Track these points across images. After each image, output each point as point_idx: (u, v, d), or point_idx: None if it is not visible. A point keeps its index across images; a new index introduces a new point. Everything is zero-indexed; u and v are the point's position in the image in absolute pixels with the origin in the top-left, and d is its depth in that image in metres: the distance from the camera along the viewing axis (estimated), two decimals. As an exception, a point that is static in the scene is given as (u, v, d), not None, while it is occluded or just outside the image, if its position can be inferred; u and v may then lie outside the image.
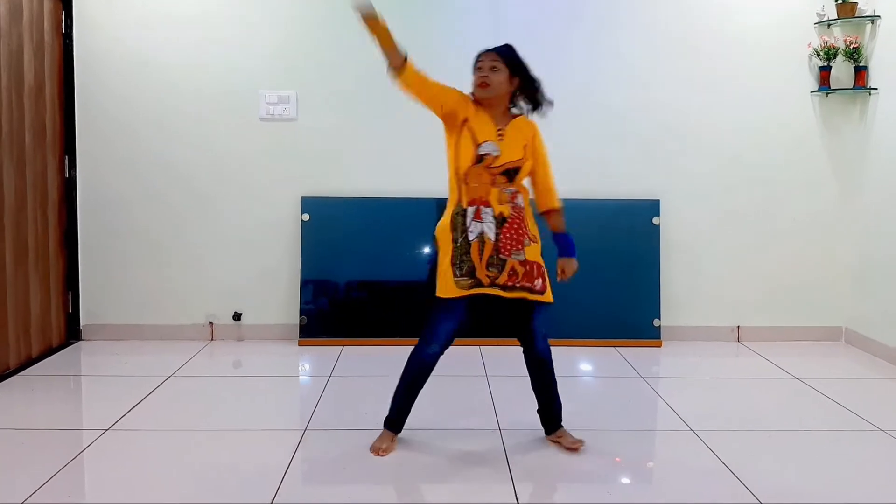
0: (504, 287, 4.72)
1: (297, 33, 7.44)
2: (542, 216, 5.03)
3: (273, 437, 5.20)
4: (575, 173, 7.45)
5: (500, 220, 4.68)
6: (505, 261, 4.68)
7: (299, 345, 7.42)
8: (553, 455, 4.93)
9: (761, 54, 7.53)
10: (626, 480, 4.71)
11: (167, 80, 7.40)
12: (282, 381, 6.59)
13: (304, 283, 7.48)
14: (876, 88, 7.24)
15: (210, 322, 7.61)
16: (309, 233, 7.47)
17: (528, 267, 4.74)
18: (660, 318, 7.53)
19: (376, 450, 4.90)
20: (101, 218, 7.47)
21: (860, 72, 7.32)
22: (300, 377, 6.73)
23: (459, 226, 4.72)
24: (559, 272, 4.99)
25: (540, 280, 4.79)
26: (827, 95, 7.51)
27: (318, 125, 7.50)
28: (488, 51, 4.79)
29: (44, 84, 6.93)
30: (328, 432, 5.28)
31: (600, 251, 7.45)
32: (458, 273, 4.70)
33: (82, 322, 7.53)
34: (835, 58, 7.36)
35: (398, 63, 4.66)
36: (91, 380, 6.59)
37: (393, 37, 4.67)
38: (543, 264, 4.84)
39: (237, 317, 7.59)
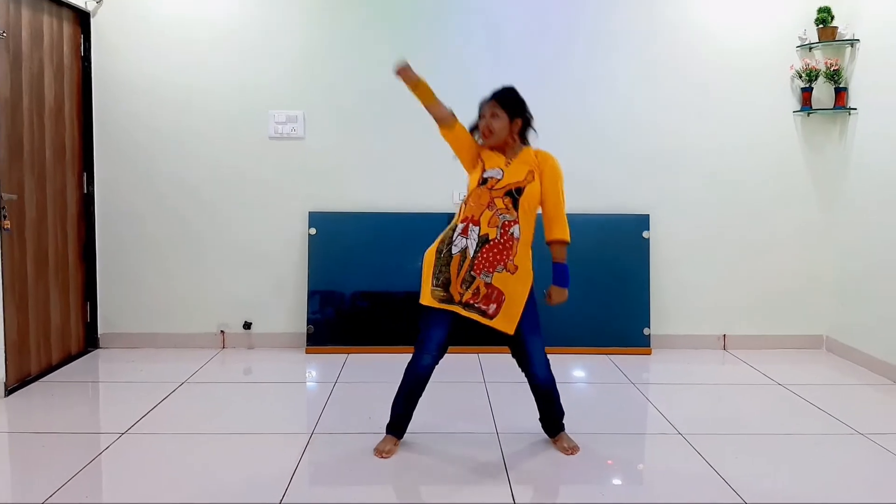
0: (466, 306, 4.79)
1: (305, 57, 7.48)
2: (548, 245, 5.05)
3: (281, 440, 5.22)
4: (569, 189, 7.44)
5: (484, 240, 4.72)
6: (475, 278, 4.73)
7: (306, 352, 7.44)
8: (548, 458, 4.96)
9: (746, 76, 7.57)
10: (617, 482, 4.73)
11: (181, 101, 7.44)
12: (290, 387, 6.61)
13: (311, 294, 7.50)
14: (855, 108, 7.27)
15: (221, 331, 7.63)
16: (316, 246, 7.50)
17: (489, 290, 4.75)
18: (650, 327, 7.56)
19: (379, 452, 4.94)
20: (117, 232, 7.50)
21: (840, 93, 7.35)
22: (307, 383, 6.74)
23: (448, 239, 4.84)
24: (546, 296, 4.99)
25: (494, 306, 4.77)
26: (809, 115, 7.55)
27: (324, 144, 7.54)
28: (488, 99, 4.91)
29: (63, 105, 6.96)
30: (334, 436, 5.30)
31: (593, 263, 7.49)
32: (434, 283, 4.82)
33: (100, 331, 7.55)
34: (816, 79, 7.40)
35: (449, 122, 4.86)
36: (108, 386, 6.60)
37: (433, 93, 4.82)
38: (511, 295, 4.80)
39: (247, 326, 7.61)
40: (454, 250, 4.76)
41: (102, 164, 7.43)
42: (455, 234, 4.80)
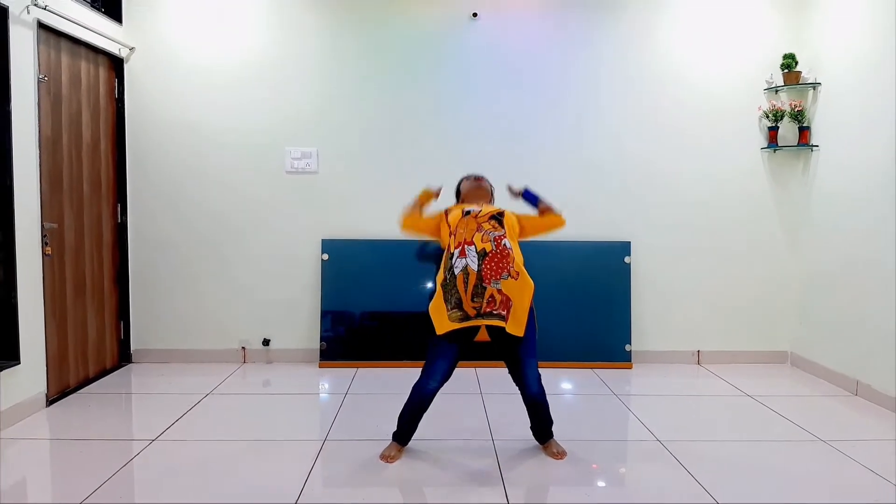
0: (485, 315, 4.80)
1: (318, 99, 7.52)
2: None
3: (296, 447, 5.24)
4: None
5: (483, 254, 4.76)
6: (486, 288, 4.74)
7: (320, 367, 7.44)
8: (539, 463, 4.97)
9: (719, 116, 7.62)
10: (602, 484, 4.74)
11: (206, 138, 7.49)
12: (304, 398, 6.61)
13: (324, 314, 7.52)
14: (817, 145, 7.30)
15: (243, 347, 7.64)
16: (328, 270, 7.52)
17: (501, 296, 4.77)
18: (631, 344, 7.56)
19: (385, 457, 4.98)
20: (148, 257, 7.53)
21: (804, 131, 7.39)
22: (320, 395, 6.74)
23: (447, 267, 4.86)
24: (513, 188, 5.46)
25: (506, 311, 4.80)
26: (775, 151, 7.59)
27: (336, 177, 7.57)
28: (470, 176, 5.51)
29: (99, 142, 7.00)
30: (345, 443, 5.31)
31: (579, 286, 7.53)
32: (448, 307, 4.82)
33: (133, 347, 7.57)
34: (782, 119, 7.44)
35: (408, 219, 5.31)
36: (140, 397, 6.60)
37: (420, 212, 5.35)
38: (517, 301, 4.82)
39: (266, 342, 7.62)
40: (456, 271, 4.78)
41: (135, 196, 7.47)
42: (454, 260, 4.81)
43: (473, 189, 5.34)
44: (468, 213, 4.95)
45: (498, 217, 4.94)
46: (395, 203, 7.45)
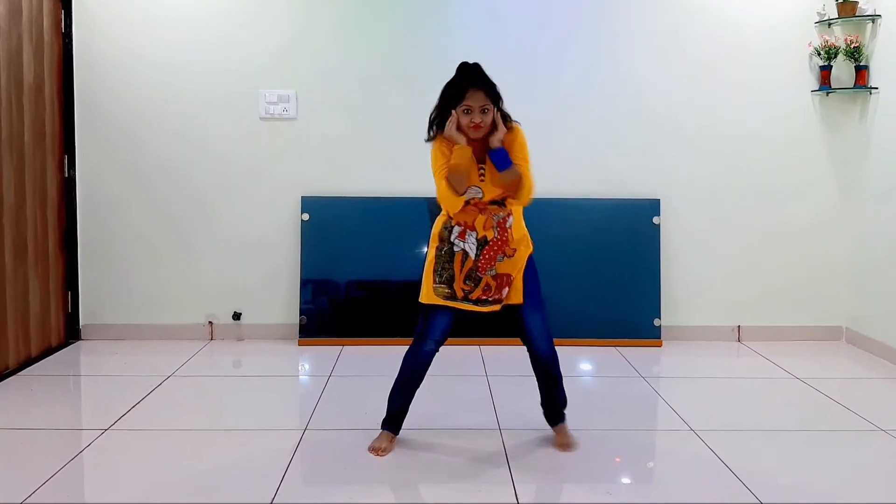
0: (477, 302, 4.83)
1: (298, 34, 7.46)
2: None
3: (273, 436, 5.21)
4: (576, 173, 7.51)
5: (482, 243, 4.76)
6: (481, 278, 4.78)
7: (299, 344, 7.43)
8: (553, 454, 4.95)
9: (761, 55, 7.54)
10: (626, 480, 4.72)
11: (167, 80, 7.42)
12: (281, 380, 6.60)
13: (304, 283, 7.49)
14: (877, 88, 7.24)
15: (210, 322, 7.62)
16: (309, 232, 7.48)
17: (497, 281, 4.80)
18: (660, 318, 7.54)
19: (375, 450, 4.92)
20: (100, 218, 7.48)
21: (861, 71, 7.32)
22: (300, 377, 6.74)
23: (446, 238, 4.84)
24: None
25: (507, 289, 4.84)
26: (828, 95, 7.52)
27: (318, 125, 7.52)
28: (475, 87, 4.68)
29: (43, 84, 6.94)
30: (328, 432, 5.29)
31: (601, 250, 7.49)
32: (437, 280, 4.84)
33: (82, 322, 7.55)
34: (835, 57, 7.36)
35: (461, 190, 4.73)
36: (90, 379, 6.60)
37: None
38: (517, 272, 4.87)
39: (237, 316, 7.59)
40: (455, 249, 4.80)
41: (84, 147, 7.41)
42: (454, 236, 4.82)
43: (479, 118, 4.66)
44: (467, 202, 4.77)
45: (500, 201, 4.82)
46: (390, 155, 7.48)
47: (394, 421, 5.02)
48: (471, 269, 4.78)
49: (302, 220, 7.49)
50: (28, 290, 6.73)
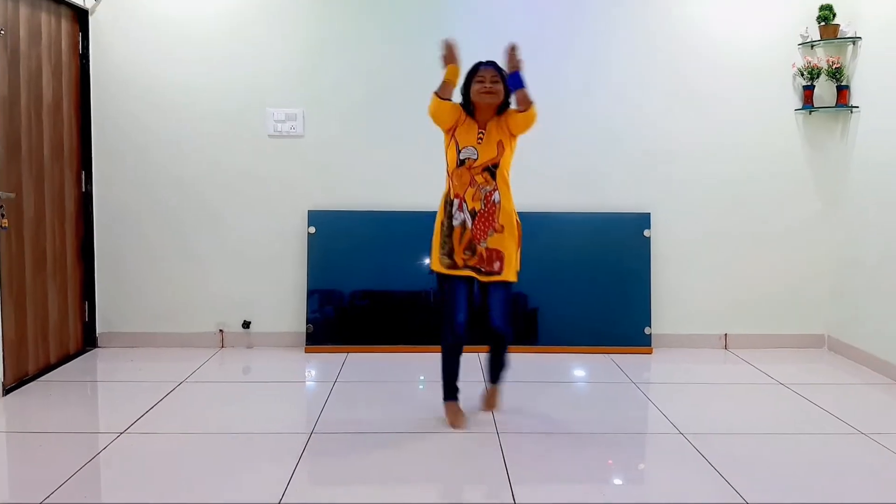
0: (476, 270, 5.33)
1: (304, 54, 7.47)
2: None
3: (280, 440, 5.22)
4: (571, 187, 7.53)
5: (473, 213, 5.31)
6: (476, 247, 5.30)
7: (306, 352, 7.43)
8: (549, 456, 4.95)
9: (747, 74, 7.56)
10: (618, 481, 4.73)
11: (179, 99, 7.43)
12: (289, 386, 6.60)
13: (311, 293, 7.50)
14: (857, 106, 7.26)
15: (220, 330, 7.62)
16: (315, 245, 7.49)
17: (488, 253, 5.31)
18: (650, 327, 7.55)
19: (453, 424, 5.46)
20: (116, 230, 7.49)
21: (842, 91, 7.34)
22: (306, 383, 6.74)
23: (447, 212, 5.42)
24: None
25: (498, 262, 5.31)
26: (811, 113, 7.54)
27: (324, 141, 7.53)
28: (487, 65, 5.41)
29: (61, 102, 6.95)
30: (333, 436, 5.29)
31: (594, 261, 7.51)
32: (441, 251, 5.42)
33: (98, 330, 7.55)
34: (818, 77, 7.39)
35: (446, 96, 5.35)
36: (106, 385, 6.60)
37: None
38: (506, 250, 5.32)
39: (246, 325, 7.60)
40: (455, 223, 5.35)
41: (101, 163, 7.42)
42: (454, 209, 5.36)
43: (490, 85, 5.35)
44: (463, 162, 5.32)
45: (492, 169, 5.33)
46: (392, 170, 7.51)
47: (453, 390, 5.60)
48: (469, 241, 5.31)
49: (308, 232, 7.49)
50: (47, 299, 6.74)
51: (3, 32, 5.97)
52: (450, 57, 5.44)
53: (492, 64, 5.43)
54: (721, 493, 4.45)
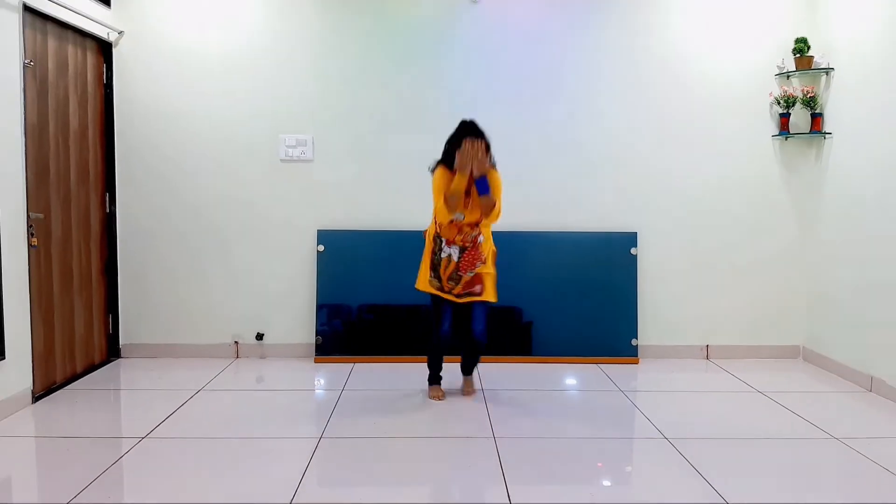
0: (457, 296, 6.05)
1: (314, 84, 7.52)
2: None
3: (292, 444, 5.24)
4: (563, 209, 7.57)
5: (462, 249, 5.99)
6: (461, 276, 5.98)
7: (315, 362, 7.45)
8: (542, 460, 4.97)
9: (728, 102, 7.61)
10: (607, 483, 4.74)
11: (197, 125, 7.48)
12: (299, 394, 6.60)
13: (320, 307, 7.52)
14: (830, 133, 7.29)
15: (235, 342, 7.64)
16: (324, 262, 7.52)
17: (474, 278, 6.02)
18: (637, 338, 7.57)
19: (435, 398, 6.28)
20: (138, 248, 7.53)
21: (816, 118, 7.38)
22: (316, 391, 6.74)
23: (437, 245, 6.06)
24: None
25: (479, 286, 6.04)
26: (787, 139, 7.58)
27: (332, 165, 7.57)
28: (477, 138, 5.85)
29: (87, 130, 6.99)
30: (341, 440, 5.31)
31: (583, 278, 7.54)
32: (431, 275, 6.10)
33: (121, 341, 7.57)
34: (793, 105, 7.43)
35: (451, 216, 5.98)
36: (129, 393, 6.61)
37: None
38: (489, 273, 6.08)
39: (260, 337, 7.62)
40: (443, 255, 6.02)
41: (123, 185, 7.47)
42: (442, 246, 6.02)
43: (482, 159, 5.83)
44: (452, 221, 5.95)
45: (476, 224, 6.00)
46: (395, 192, 7.55)
47: (435, 378, 6.41)
48: (453, 271, 5.98)
49: (317, 251, 7.52)
50: (73, 313, 6.76)
51: (31, 64, 6.01)
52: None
53: (476, 132, 5.88)
54: (703, 494, 4.47)
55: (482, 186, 5.83)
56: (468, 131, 5.87)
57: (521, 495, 4.44)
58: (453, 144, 5.90)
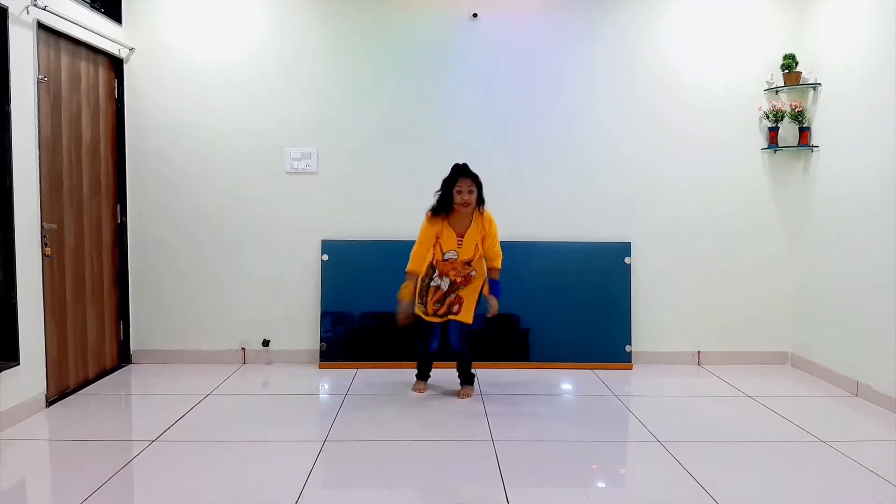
0: (439, 316, 6.40)
1: (318, 99, 7.54)
2: (489, 269, 6.44)
3: (297, 447, 5.24)
4: (558, 220, 7.57)
5: (453, 283, 6.35)
6: (447, 298, 6.35)
7: (320, 367, 7.44)
8: (538, 462, 4.98)
9: (718, 116, 7.62)
10: (601, 485, 4.75)
11: (205, 138, 7.49)
12: (304, 399, 6.60)
13: (324, 315, 7.52)
14: (817, 146, 7.30)
15: (242, 348, 7.64)
16: (328, 271, 7.53)
17: (452, 300, 6.37)
18: (631, 345, 7.57)
19: (417, 390, 6.64)
20: (148, 258, 7.54)
21: (804, 132, 7.39)
22: (320, 396, 6.73)
23: (428, 275, 6.39)
24: (490, 308, 6.32)
25: (457, 306, 6.35)
26: (775, 152, 7.59)
27: (336, 177, 7.58)
28: (466, 176, 6.14)
29: (99, 143, 7.00)
30: (344, 443, 5.31)
31: (579, 287, 7.54)
32: (419, 301, 6.40)
33: (132, 348, 7.58)
34: (782, 120, 7.44)
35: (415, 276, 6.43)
36: (139, 398, 6.61)
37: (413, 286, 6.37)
38: (467, 300, 6.38)
39: (266, 343, 7.62)
40: (432, 284, 6.37)
41: (134, 197, 7.48)
42: (435, 275, 6.37)
43: (467, 196, 6.14)
44: (447, 259, 6.29)
45: (469, 263, 6.31)
46: (395, 203, 7.56)
47: (422, 376, 6.76)
48: (441, 296, 6.34)
49: (322, 260, 7.53)
50: (86, 320, 6.77)
51: (45, 79, 6.03)
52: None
53: (468, 174, 6.14)
54: (695, 494, 4.47)
55: (495, 292, 6.33)
56: (459, 170, 6.19)
57: (519, 496, 4.44)
58: (446, 185, 6.20)
